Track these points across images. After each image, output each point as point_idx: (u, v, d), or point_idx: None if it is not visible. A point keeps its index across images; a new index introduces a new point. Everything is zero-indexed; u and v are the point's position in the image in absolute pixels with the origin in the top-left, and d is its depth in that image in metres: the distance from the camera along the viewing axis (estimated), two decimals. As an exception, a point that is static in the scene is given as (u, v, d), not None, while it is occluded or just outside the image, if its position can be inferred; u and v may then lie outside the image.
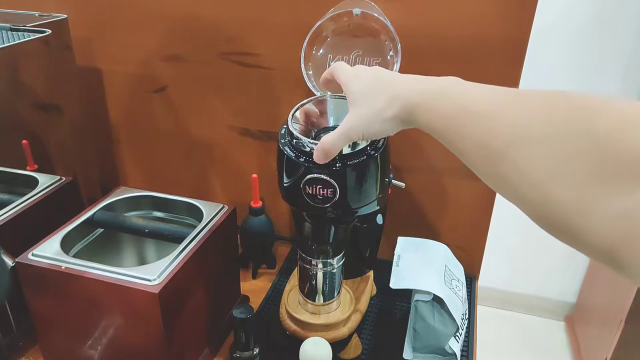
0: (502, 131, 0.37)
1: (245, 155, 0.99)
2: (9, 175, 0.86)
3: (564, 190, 0.32)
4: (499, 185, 0.38)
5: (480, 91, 0.42)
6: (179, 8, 0.89)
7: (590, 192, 0.30)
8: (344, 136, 0.52)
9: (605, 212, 0.29)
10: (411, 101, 0.47)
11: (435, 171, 0.88)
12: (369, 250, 0.82)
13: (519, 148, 0.35)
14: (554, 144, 0.33)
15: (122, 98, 1.01)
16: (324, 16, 0.73)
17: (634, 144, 0.29)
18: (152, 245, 0.83)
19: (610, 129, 0.30)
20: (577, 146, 0.31)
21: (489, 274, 1.95)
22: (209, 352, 0.76)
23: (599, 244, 0.30)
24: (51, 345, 0.72)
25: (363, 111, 0.51)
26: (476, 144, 0.40)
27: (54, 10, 0.89)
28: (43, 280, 0.65)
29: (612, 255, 0.29)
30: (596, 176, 0.30)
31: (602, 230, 0.30)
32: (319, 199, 0.60)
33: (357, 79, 0.53)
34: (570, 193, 0.31)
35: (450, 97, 0.43)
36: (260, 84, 0.91)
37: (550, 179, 0.33)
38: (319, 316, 0.71)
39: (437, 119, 0.44)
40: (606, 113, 0.31)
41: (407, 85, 0.48)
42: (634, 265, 0.28)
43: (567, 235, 0.33)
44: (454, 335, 0.73)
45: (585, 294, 1.99)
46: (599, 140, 0.30)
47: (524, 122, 0.36)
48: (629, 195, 0.28)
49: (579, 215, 0.31)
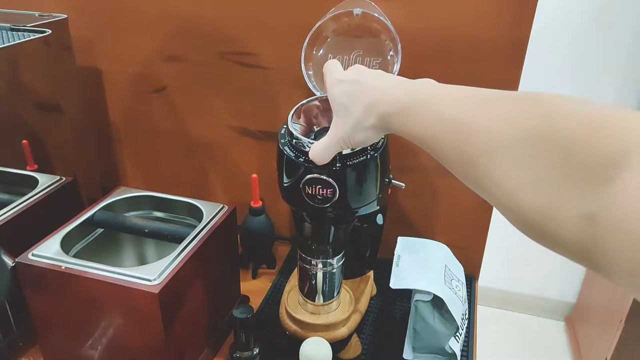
0: (475, 138, 0.37)
1: (245, 155, 0.99)
2: (9, 175, 0.86)
3: (534, 196, 0.32)
4: (478, 191, 0.39)
5: (453, 96, 0.42)
6: (179, 8, 0.89)
7: (559, 197, 0.31)
8: (332, 144, 0.53)
9: (575, 216, 0.30)
10: (387, 111, 0.46)
11: (436, 171, 0.88)
12: (369, 250, 0.82)
13: (491, 156, 0.35)
14: (522, 150, 0.33)
15: (122, 98, 1.01)
16: (325, 16, 0.73)
17: (597, 148, 0.29)
18: (152, 245, 0.83)
19: (575, 133, 0.31)
20: (544, 152, 0.32)
21: (489, 274, 1.95)
22: (209, 352, 0.76)
23: (574, 247, 0.31)
24: (51, 345, 0.72)
25: (344, 121, 0.51)
26: (453, 151, 0.40)
27: (54, 10, 0.89)
28: (43, 280, 0.65)
29: (588, 257, 0.30)
30: (563, 181, 0.30)
31: (573, 234, 0.30)
32: (318, 199, 0.60)
33: (338, 86, 0.52)
34: (540, 199, 0.32)
35: (424, 104, 0.43)
36: (260, 84, 0.91)
37: (521, 186, 0.33)
38: (319, 316, 0.71)
39: (413, 127, 0.44)
40: (573, 117, 0.32)
41: (382, 94, 0.48)
42: (607, 266, 0.28)
43: (545, 240, 0.33)
44: (454, 335, 0.73)
45: (585, 294, 1.99)
46: (565, 146, 0.31)
47: (495, 127, 0.35)
48: (594, 197, 0.29)
49: (551, 220, 0.31)
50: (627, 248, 0.26)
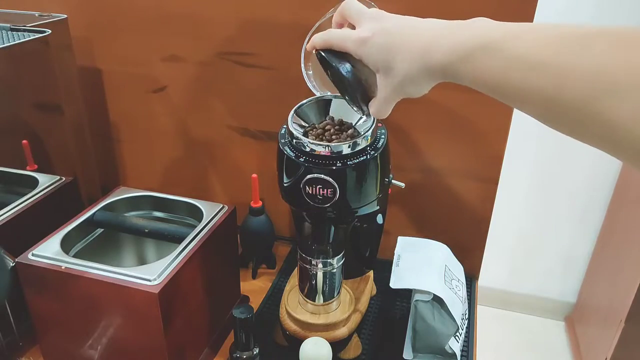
0: (576, 84, 0.32)
1: (245, 155, 0.99)
2: (9, 175, 0.86)
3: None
4: (577, 133, 0.35)
5: (533, 35, 0.36)
6: (179, 8, 0.89)
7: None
8: (385, 103, 0.49)
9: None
10: (446, 59, 0.41)
11: (435, 171, 0.88)
12: (369, 250, 0.82)
13: (602, 100, 0.31)
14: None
15: (122, 98, 1.01)
16: (324, 16, 0.73)
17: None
18: (152, 245, 0.83)
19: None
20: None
21: (489, 274, 1.95)
22: (209, 352, 0.76)
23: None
24: (51, 345, 0.72)
25: (388, 80, 0.46)
26: (543, 97, 0.35)
27: (54, 10, 0.89)
28: (43, 280, 0.65)
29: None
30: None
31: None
32: (319, 199, 0.60)
33: (364, 46, 0.47)
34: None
35: (498, 48, 0.37)
36: (260, 84, 0.91)
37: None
38: (319, 316, 0.71)
39: (486, 75, 0.38)
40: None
41: (432, 40, 0.42)
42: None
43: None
44: (454, 335, 0.73)
45: (585, 294, 1.99)
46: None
47: (602, 69, 0.31)
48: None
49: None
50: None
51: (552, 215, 1.93)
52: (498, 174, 0.86)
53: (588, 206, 1.88)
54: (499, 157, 0.84)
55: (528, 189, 1.90)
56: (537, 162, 1.85)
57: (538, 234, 1.97)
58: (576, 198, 1.87)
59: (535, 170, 1.86)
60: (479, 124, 0.83)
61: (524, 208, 1.92)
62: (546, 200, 1.91)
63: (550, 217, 1.94)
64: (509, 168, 0.99)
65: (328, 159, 0.59)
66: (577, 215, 1.91)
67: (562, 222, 1.93)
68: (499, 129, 0.83)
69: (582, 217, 1.91)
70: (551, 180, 1.86)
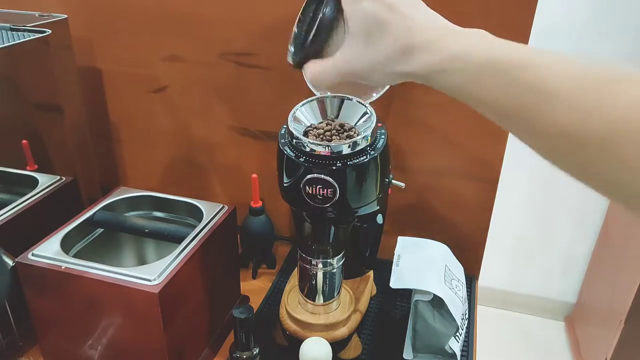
0: (595, 124, 0.30)
1: (245, 155, 0.99)
2: (9, 175, 0.86)
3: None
4: (581, 175, 0.33)
5: (544, 61, 0.33)
6: (179, 8, 0.89)
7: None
8: (335, 72, 0.43)
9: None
10: (436, 65, 0.37)
11: (435, 171, 0.88)
12: (369, 250, 0.82)
13: (619, 144, 0.29)
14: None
15: (122, 98, 1.01)
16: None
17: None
18: (152, 245, 0.83)
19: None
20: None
21: (489, 274, 1.95)
22: (209, 352, 0.76)
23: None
24: (51, 345, 0.72)
25: (364, 53, 0.40)
26: (551, 132, 0.32)
27: (54, 10, 0.89)
28: (43, 280, 0.65)
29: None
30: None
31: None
32: (319, 199, 0.60)
33: (358, 3, 0.41)
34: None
35: (506, 72, 0.34)
36: (260, 84, 0.91)
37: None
38: (319, 316, 0.71)
39: (490, 96, 0.35)
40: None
41: (425, 40, 0.38)
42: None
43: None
44: (454, 335, 0.73)
45: (585, 294, 1.99)
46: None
47: (620, 113, 0.29)
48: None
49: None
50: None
51: (552, 215, 1.93)
52: (498, 174, 0.86)
53: (588, 206, 1.88)
54: (499, 157, 0.84)
55: (528, 189, 1.90)
56: (537, 162, 1.84)
57: (538, 234, 1.97)
58: (576, 198, 1.87)
59: (535, 170, 1.86)
60: (479, 124, 0.83)
61: (523, 208, 1.92)
62: (546, 200, 1.91)
63: (550, 217, 1.94)
64: (509, 168, 0.99)
65: (328, 159, 0.59)
66: (577, 215, 1.91)
67: (562, 222, 1.93)
68: (499, 129, 0.82)
69: (582, 217, 1.91)
70: (551, 180, 1.86)
